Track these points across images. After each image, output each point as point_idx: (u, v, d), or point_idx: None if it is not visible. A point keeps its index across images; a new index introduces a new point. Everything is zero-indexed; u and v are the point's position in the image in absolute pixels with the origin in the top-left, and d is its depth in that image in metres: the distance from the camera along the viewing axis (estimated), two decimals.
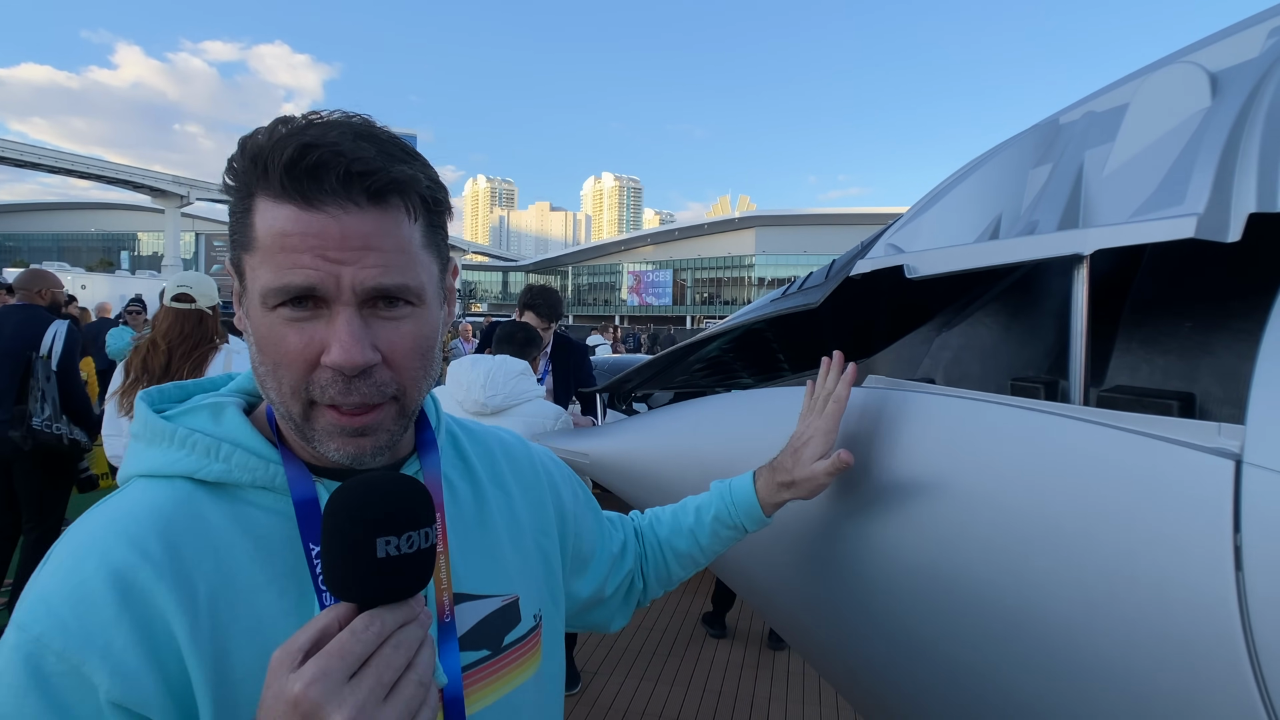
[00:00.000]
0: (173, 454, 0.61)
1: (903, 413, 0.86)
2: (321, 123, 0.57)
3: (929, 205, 0.98)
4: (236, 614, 0.57)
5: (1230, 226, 0.59)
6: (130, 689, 0.52)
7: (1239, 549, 0.54)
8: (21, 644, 0.52)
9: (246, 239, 0.58)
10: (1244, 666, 0.53)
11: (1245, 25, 0.72)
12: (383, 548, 0.49)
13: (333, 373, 0.57)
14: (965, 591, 0.74)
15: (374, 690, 0.47)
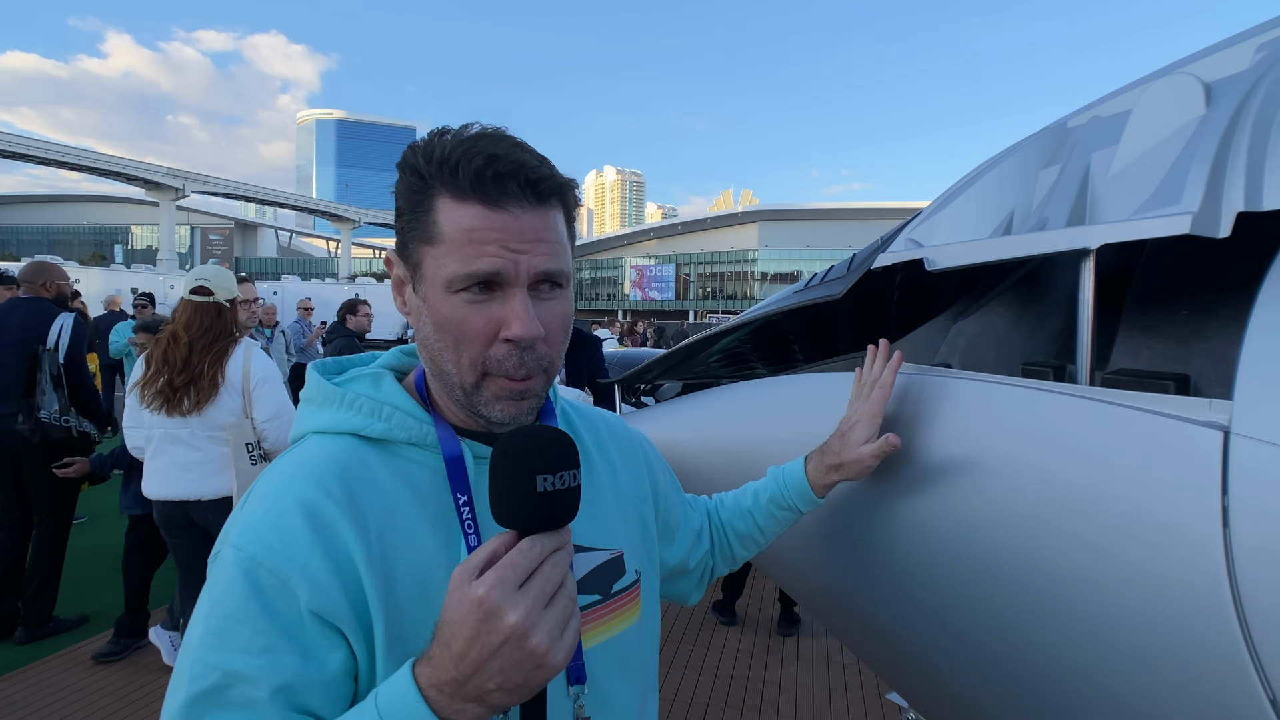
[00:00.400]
0: (343, 414, 0.73)
1: (927, 394, 0.94)
2: (489, 135, 0.69)
3: (946, 202, 1.06)
4: (399, 548, 0.68)
5: (1221, 224, 0.67)
6: (324, 601, 0.63)
7: (1226, 508, 0.62)
8: (240, 561, 0.64)
9: (428, 233, 0.68)
10: (1229, 609, 0.61)
11: (1237, 40, 0.79)
12: (541, 484, 0.59)
13: (509, 347, 0.68)
14: (986, 554, 0.82)
15: (539, 597, 0.57)
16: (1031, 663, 0.81)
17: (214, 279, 2.85)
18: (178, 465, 2.79)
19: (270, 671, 0.61)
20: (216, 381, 2.76)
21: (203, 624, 0.64)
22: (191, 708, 0.62)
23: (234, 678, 0.62)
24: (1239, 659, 0.60)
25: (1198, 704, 0.65)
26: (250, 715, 0.62)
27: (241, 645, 0.62)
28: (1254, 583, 0.60)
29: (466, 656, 0.56)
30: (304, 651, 0.63)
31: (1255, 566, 0.60)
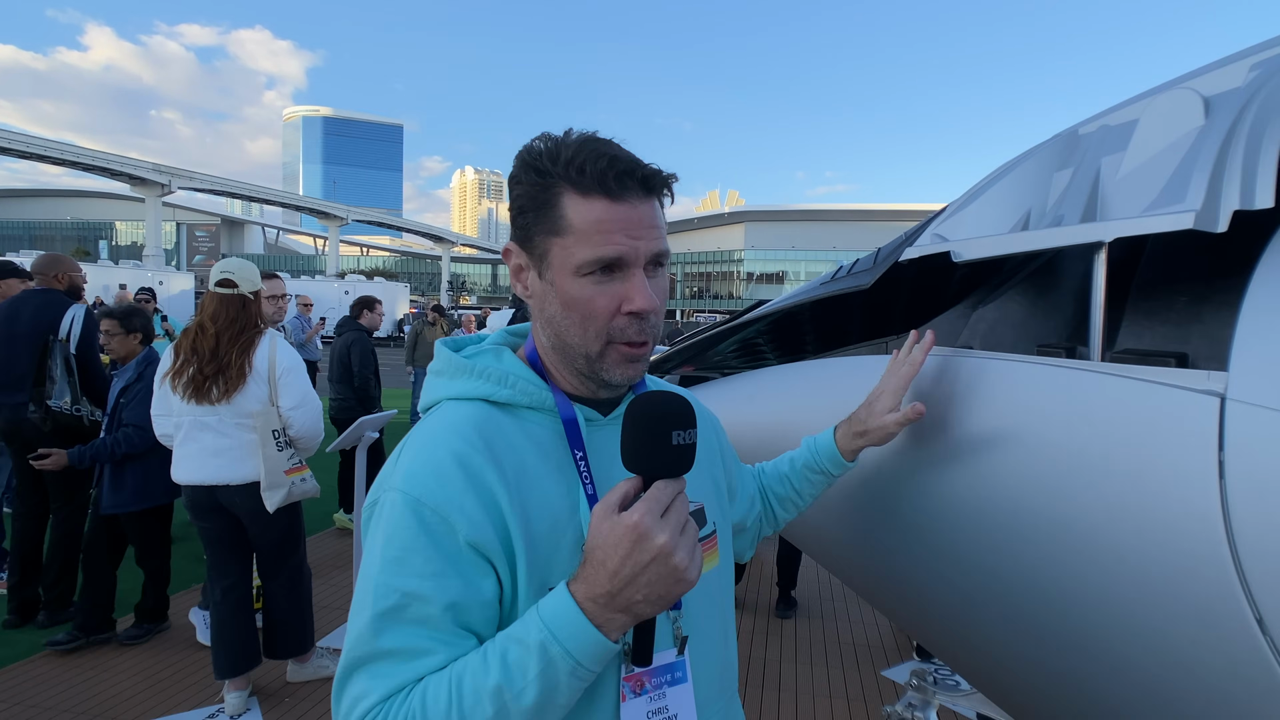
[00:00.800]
0: (473, 383, 0.85)
1: (957, 373, 1.05)
2: (599, 139, 0.80)
3: (968, 202, 1.16)
4: (531, 492, 0.79)
5: (1220, 220, 0.77)
6: (479, 534, 0.74)
7: (1222, 463, 0.73)
8: (408, 502, 0.75)
9: (555, 226, 0.79)
10: (1223, 545, 0.71)
11: (1233, 59, 0.90)
12: (675, 438, 0.71)
13: (629, 318, 0.79)
14: (1012, 510, 0.93)
15: (676, 524, 0.70)
16: (1053, 604, 0.91)
17: (238, 272, 2.93)
18: (207, 451, 2.87)
19: (441, 591, 0.72)
20: (244, 371, 2.84)
21: (380, 555, 0.74)
22: (378, 623, 0.72)
23: (411, 597, 0.72)
24: (1230, 584, 0.71)
25: (1197, 624, 0.75)
26: (425, 629, 0.72)
27: (416, 570, 0.73)
28: (1244, 522, 0.70)
29: (620, 573, 0.68)
30: (465, 576, 0.74)
31: (1245, 510, 0.71)
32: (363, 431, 3.83)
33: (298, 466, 2.99)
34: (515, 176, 0.82)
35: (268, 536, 3.06)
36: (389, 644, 0.72)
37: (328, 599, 4.24)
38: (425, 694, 0.70)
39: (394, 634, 0.72)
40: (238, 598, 3.07)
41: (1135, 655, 0.83)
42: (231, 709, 3.06)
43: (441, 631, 0.72)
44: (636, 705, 0.81)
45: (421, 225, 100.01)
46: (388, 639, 0.72)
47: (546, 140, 0.81)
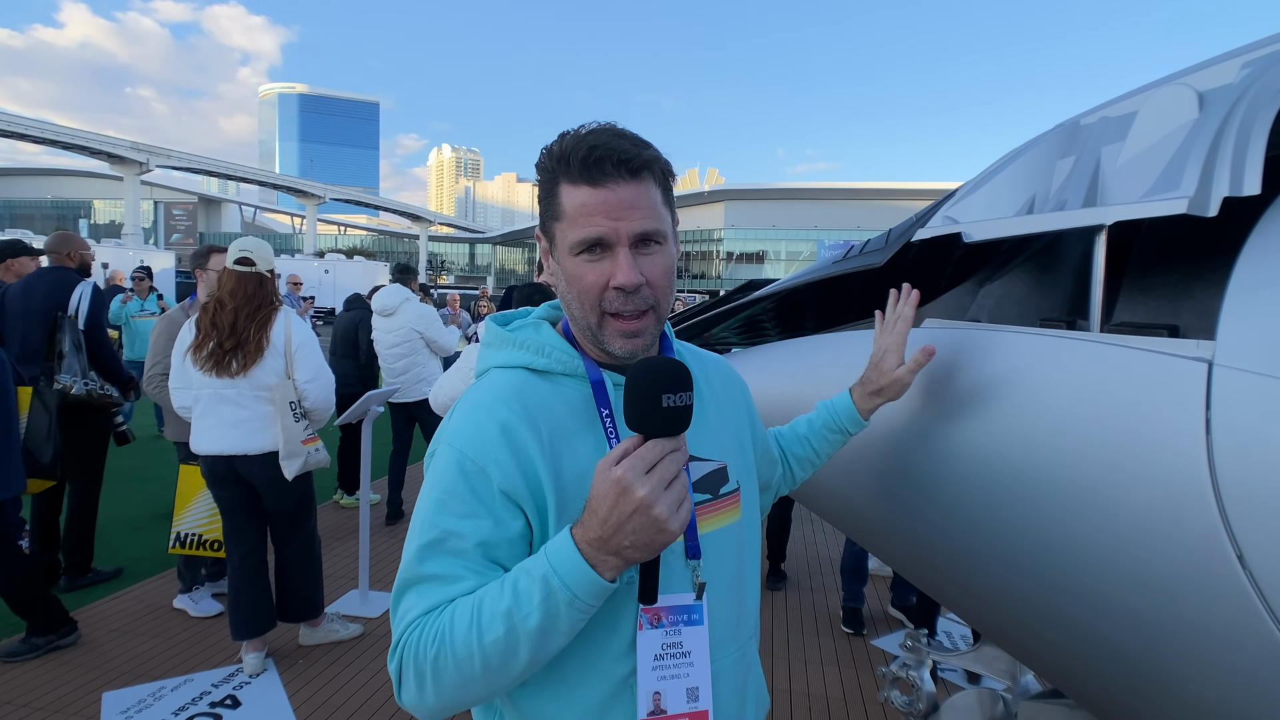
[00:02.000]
0: (515, 353, 0.94)
1: (968, 343, 1.13)
2: (596, 129, 0.87)
3: (976, 187, 1.23)
4: (563, 447, 0.88)
5: (1211, 205, 0.85)
6: (510, 483, 0.84)
7: (1209, 420, 0.81)
8: (453, 454, 0.87)
9: (556, 212, 0.88)
10: (1209, 493, 0.79)
11: (1226, 57, 0.98)
12: (665, 400, 0.77)
13: (616, 293, 0.86)
14: (1019, 466, 1.01)
15: (660, 481, 0.76)
16: (1054, 552, 1.00)
17: (256, 251, 2.98)
18: (226, 423, 2.93)
19: (473, 530, 0.83)
20: (262, 345, 2.90)
21: (430, 497, 0.86)
22: (422, 552, 0.84)
23: (449, 534, 0.84)
24: (1215, 525, 0.79)
25: (1185, 562, 0.84)
26: (460, 560, 0.83)
27: (454, 511, 0.84)
28: (1228, 472, 0.79)
29: (608, 520, 0.76)
30: (496, 518, 0.84)
31: (1229, 461, 0.79)
32: (368, 406, 3.87)
33: (312, 437, 3.06)
34: (538, 167, 0.90)
35: (283, 504, 3.13)
36: (430, 570, 0.83)
37: (331, 569, 4.30)
38: (455, 612, 0.81)
39: (434, 562, 0.83)
40: (254, 563, 3.14)
41: (1129, 594, 0.92)
42: (250, 668, 3.14)
43: (472, 563, 0.83)
44: (652, 636, 0.90)
45: (399, 204, 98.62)
46: (429, 566, 0.83)
47: (570, 135, 0.88)
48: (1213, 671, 0.85)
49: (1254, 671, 0.80)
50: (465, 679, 0.80)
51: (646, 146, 0.87)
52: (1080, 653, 1.04)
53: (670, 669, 0.90)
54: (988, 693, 1.82)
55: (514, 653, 0.79)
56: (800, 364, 1.59)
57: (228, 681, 3.11)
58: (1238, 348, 0.82)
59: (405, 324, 5.11)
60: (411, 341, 5.13)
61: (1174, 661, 0.90)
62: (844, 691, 3.21)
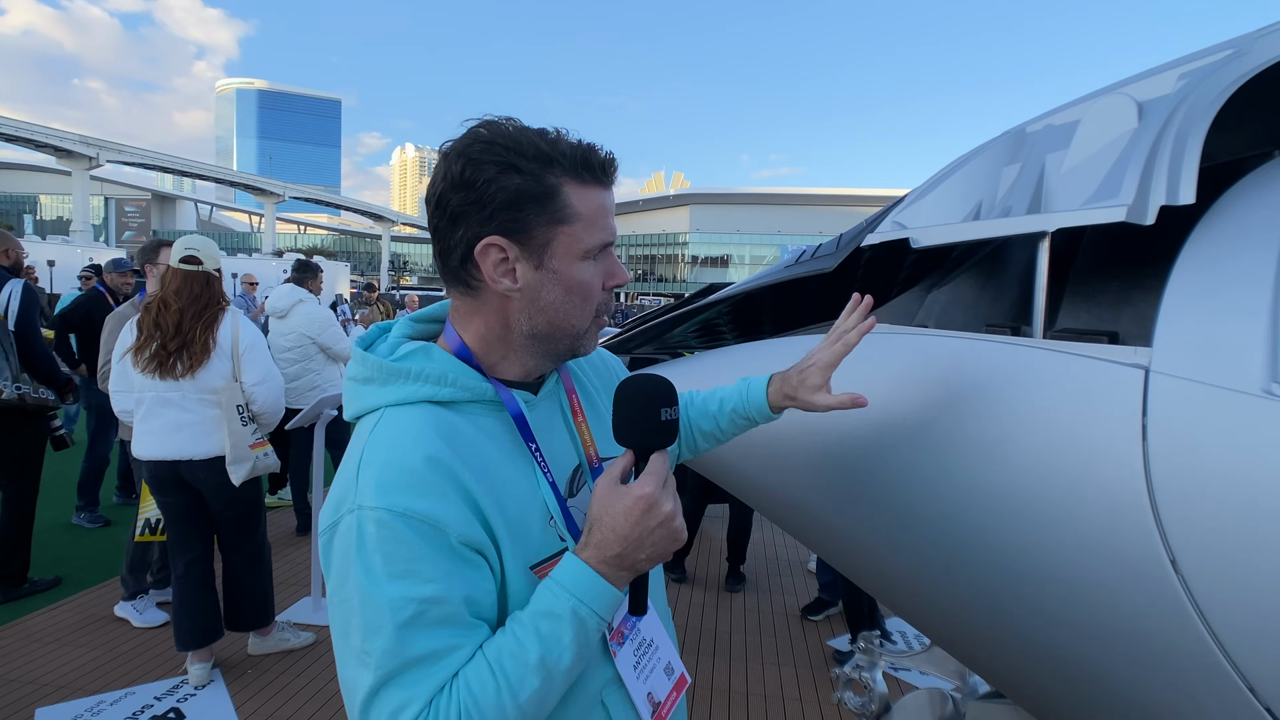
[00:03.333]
0: (412, 386, 0.82)
1: (912, 348, 1.13)
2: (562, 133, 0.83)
3: (925, 192, 1.24)
4: (498, 481, 0.81)
5: (1149, 214, 0.86)
6: (469, 532, 0.76)
7: (1145, 426, 0.82)
8: (394, 515, 0.73)
9: (565, 214, 0.81)
10: (1144, 496, 0.80)
11: (1165, 68, 0.99)
12: (664, 414, 0.79)
13: (609, 293, 0.88)
14: (965, 470, 1.01)
15: (672, 491, 0.79)
16: (996, 557, 1.00)
17: (202, 249, 2.89)
18: (170, 426, 2.84)
19: (454, 589, 0.74)
20: (208, 346, 2.81)
21: (383, 574, 0.72)
22: (402, 634, 0.71)
23: (429, 603, 0.72)
24: (1149, 531, 0.80)
25: (1121, 567, 0.84)
26: (449, 627, 0.74)
27: (427, 577, 0.73)
28: (1163, 476, 0.79)
29: (630, 537, 0.76)
30: (467, 573, 0.76)
31: (1164, 465, 0.80)
32: (321, 409, 3.77)
33: (260, 441, 2.97)
34: (496, 167, 0.79)
35: (231, 510, 3.04)
36: (419, 650, 0.72)
37: (284, 575, 4.18)
38: (470, 685, 0.72)
39: (421, 640, 0.72)
40: (201, 570, 3.04)
41: (1069, 598, 0.92)
42: (195, 680, 3.03)
43: (463, 626, 0.75)
44: (625, 651, 0.90)
45: (361, 203, 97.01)
46: (417, 646, 0.72)
47: (511, 132, 0.81)
48: (1147, 673, 0.86)
49: (1185, 672, 0.81)
50: None
51: None
52: (1021, 655, 1.05)
53: (647, 666, 0.93)
54: (938, 693, 1.83)
55: (548, 699, 0.77)
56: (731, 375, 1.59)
57: (171, 694, 2.99)
58: (1172, 354, 0.83)
59: (297, 328, 4.76)
60: (304, 347, 4.78)
61: (1111, 664, 0.90)
62: (800, 692, 3.22)
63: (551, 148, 0.81)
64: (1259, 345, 0.76)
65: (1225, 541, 0.74)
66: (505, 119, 0.82)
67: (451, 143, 0.82)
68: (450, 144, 0.82)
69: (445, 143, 0.83)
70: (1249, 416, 0.74)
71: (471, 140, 0.81)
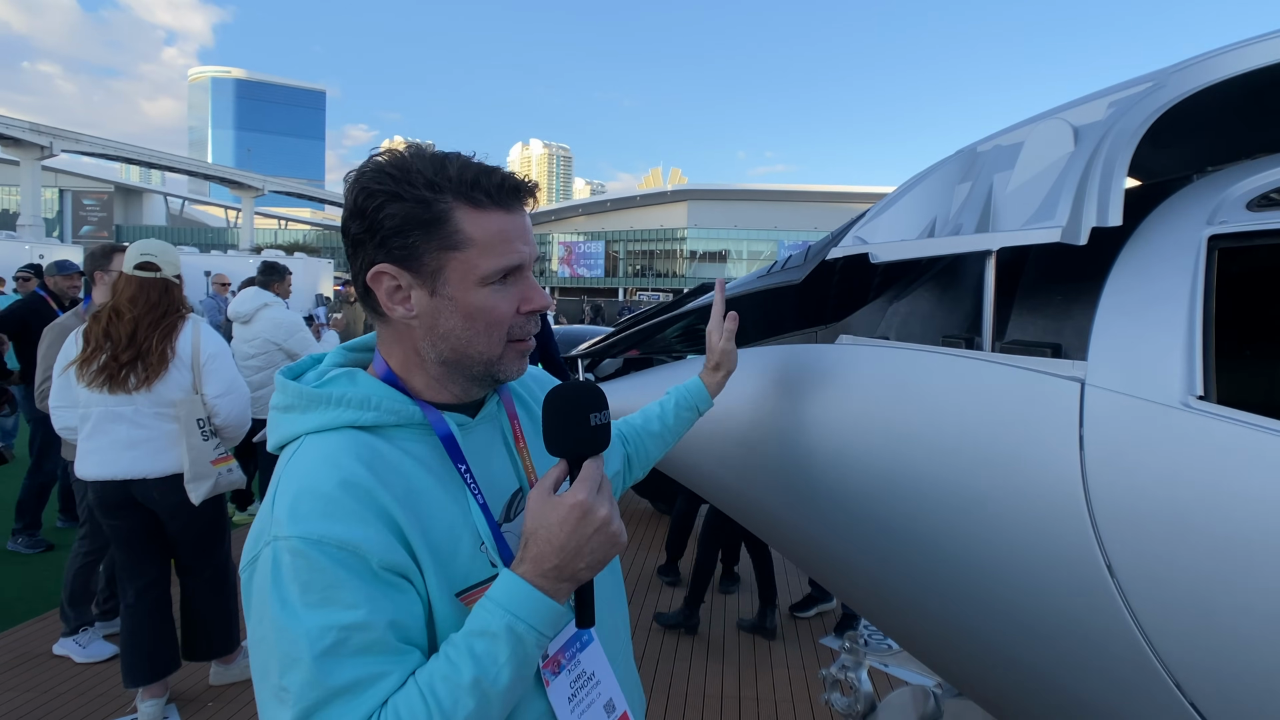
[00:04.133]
0: (334, 412, 0.84)
1: (874, 359, 1.23)
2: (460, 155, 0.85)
3: (885, 208, 1.33)
4: (424, 506, 0.82)
5: (1081, 234, 0.95)
6: (389, 556, 0.77)
7: (1082, 436, 0.91)
8: (308, 544, 0.74)
9: (451, 240, 0.83)
10: (1081, 503, 0.89)
11: (1099, 95, 1.09)
12: (593, 418, 0.83)
13: (526, 316, 0.89)
14: (914, 474, 1.11)
15: (608, 496, 0.81)
16: (945, 558, 1.09)
17: (160, 255, 2.82)
18: (120, 444, 2.73)
19: (378, 614, 0.74)
20: (166, 357, 2.73)
21: (300, 603, 0.73)
22: (322, 664, 0.71)
23: (350, 630, 0.72)
24: (1087, 537, 0.89)
25: (1061, 570, 0.93)
26: (374, 654, 0.73)
27: (346, 603, 0.73)
28: (1099, 485, 0.89)
29: (567, 546, 0.78)
30: (391, 596, 0.76)
31: (1099, 473, 0.89)
32: None
33: (224, 456, 2.89)
34: (383, 195, 0.82)
35: (190, 532, 2.94)
36: (341, 680, 0.71)
37: None
38: (398, 713, 0.72)
39: (344, 669, 0.72)
40: (155, 598, 2.91)
41: (1017, 600, 1.01)
42: (147, 719, 2.88)
43: (389, 652, 0.74)
44: (560, 682, 0.90)
45: None
46: (339, 675, 0.71)
47: (404, 158, 0.84)
48: (1086, 671, 0.95)
49: (1120, 670, 0.90)
50: None
51: None
52: (973, 654, 1.14)
53: (584, 700, 0.92)
54: (920, 690, 1.92)
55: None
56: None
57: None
58: (1105, 368, 0.92)
59: (262, 334, 4.68)
60: (270, 354, 4.69)
61: (1054, 662, 1.00)
62: (791, 693, 3.31)
63: (438, 173, 0.82)
64: (1178, 360, 0.85)
65: (1156, 546, 0.84)
66: (413, 147, 0.86)
67: (354, 171, 0.86)
68: (352, 172, 0.86)
69: (349, 172, 0.87)
70: (1171, 428, 0.83)
71: (368, 168, 0.84)
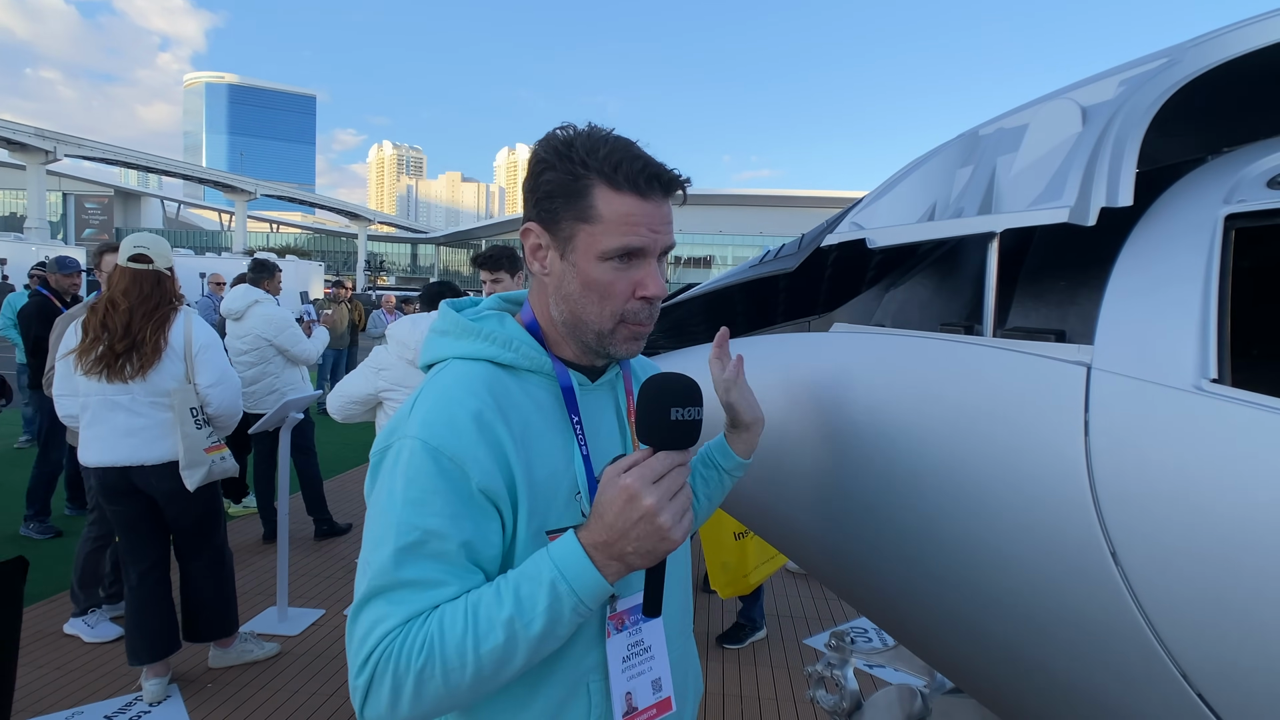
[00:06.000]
0: (480, 344, 0.93)
1: (869, 346, 1.17)
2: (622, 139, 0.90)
3: (882, 194, 1.28)
4: (534, 446, 0.89)
5: (1090, 215, 0.90)
6: (489, 482, 0.84)
7: (1087, 421, 0.86)
8: (427, 449, 0.83)
9: (587, 214, 0.88)
10: (1086, 489, 0.84)
11: (1108, 74, 1.04)
12: (675, 413, 0.81)
13: (641, 302, 0.90)
14: (913, 468, 1.05)
15: (666, 491, 0.80)
16: (947, 548, 1.04)
17: (152, 247, 2.85)
18: (119, 431, 2.79)
19: (457, 530, 0.82)
20: (159, 347, 2.77)
21: (402, 495, 0.82)
22: (399, 556, 0.81)
23: (430, 535, 0.81)
24: (1091, 523, 0.84)
25: (1064, 558, 0.88)
26: (442, 563, 0.81)
27: (435, 510, 0.81)
28: (1103, 469, 0.84)
29: (614, 526, 0.79)
30: (476, 519, 0.83)
31: (1105, 459, 0.84)
32: (287, 413, 3.76)
33: (216, 445, 2.94)
34: (546, 163, 0.90)
35: (187, 517, 3.00)
36: (410, 575, 0.80)
37: (249, 585, 4.15)
38: (443, 620, 0.79)
39: (414, 566, 0.80)
40: (155, 580, 2.99)
41: (1016, 589, 0.97)
42: (150, 696, 2.97)
43: (455, 566, 0.82)
44: (619, 639, 0.94)
45: (336, 201, 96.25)
46: (409, 570, 0.80)
47: (578, 134, 0.90)
48: (1089, 664, 0.90)
49: (1124, 661, 0.85)
50: (451, 689, 0.79)
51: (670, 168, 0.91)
52: (973, 647, 1.09)
53: (636, 667, 0.95)
54: (907, 689, 1.88)
55: (510, 660, 0.79)
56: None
57: (124, 712, 2.94)
58: (1112, 352, 0.87)
59: (253, 330, 4.69)
60: (261, 349, 4.71)
61: (1057, 655, 0.95)
62: (776, 692, 3.26)
63: (591, 152, 0.87)
64: (1191, 343, 0.80)
65: (1162, 534, 0.79)
66: (589, 127, 0.91)
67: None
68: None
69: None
70: (1183, 412, 0.79)
71: (545, 139, 0.92)
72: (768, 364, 1.42)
